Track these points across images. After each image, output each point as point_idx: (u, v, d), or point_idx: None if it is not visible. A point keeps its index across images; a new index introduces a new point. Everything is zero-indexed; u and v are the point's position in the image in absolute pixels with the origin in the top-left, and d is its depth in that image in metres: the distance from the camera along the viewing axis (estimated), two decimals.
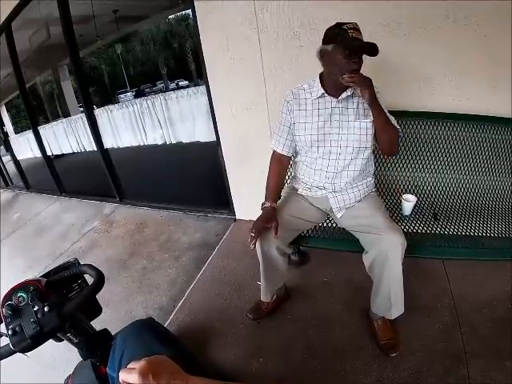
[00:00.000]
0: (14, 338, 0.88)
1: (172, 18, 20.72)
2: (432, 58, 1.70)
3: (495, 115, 1.73)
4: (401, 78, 1.80)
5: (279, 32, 1.94)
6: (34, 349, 0.90)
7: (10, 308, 0.90)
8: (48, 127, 4.54)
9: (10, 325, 0.89)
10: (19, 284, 0.96)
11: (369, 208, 1.49)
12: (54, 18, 3.18)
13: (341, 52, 1.27)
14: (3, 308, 0.91)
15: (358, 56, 1.28)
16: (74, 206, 4.25)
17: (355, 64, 1.28)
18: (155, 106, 2.93)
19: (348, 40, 1.24)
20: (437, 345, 1.47)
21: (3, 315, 0.91)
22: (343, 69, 1.29)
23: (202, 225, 2.89)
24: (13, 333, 0.88)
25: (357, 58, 1.27)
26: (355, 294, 1.78)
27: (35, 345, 0.89)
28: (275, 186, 1.59)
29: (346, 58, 1.27)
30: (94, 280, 1.02)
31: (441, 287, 1.77)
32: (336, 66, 1.31)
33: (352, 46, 1.25)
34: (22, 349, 0.88)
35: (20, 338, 0.88)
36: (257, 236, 1.39)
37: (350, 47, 1.25)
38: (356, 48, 1.26)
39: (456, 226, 1.62)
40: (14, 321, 0.90)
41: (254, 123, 2.25)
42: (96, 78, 22.04)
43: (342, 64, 1.29)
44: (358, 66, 1.29)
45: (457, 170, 1.82)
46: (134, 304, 2.09)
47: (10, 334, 0.88)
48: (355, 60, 1.27)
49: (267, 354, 1.56)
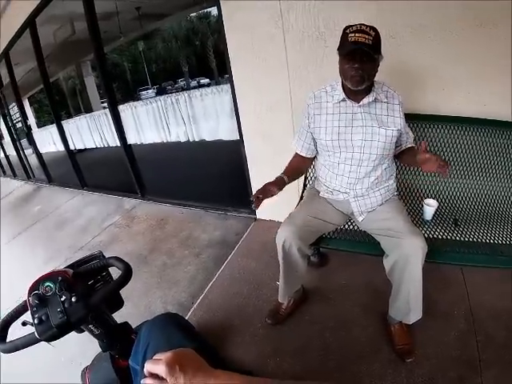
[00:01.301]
0: (39, 327, 0.90)
1: (194, 15, 20.87)
2: (457, 61, 1.67)
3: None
4: (425, 81, 1.77)
5: (304, 32, 1.93)
6: (59, 338, 0.92)
7: (37, 297, 0.93)
8: (71, 122, 4.62)
9: (36, 314, 0.91)
10: (47, 274, 0.99)
11: (390, 211, 1.48)
12: (79, 14, 3.25)
13: (342, 57, 1.28)
14: (30, 297, 0.93)
15: (360, 60, 1.23)
16: (95, 200, 4.34)
17: (356, 70, 1.25)
18: (179, 104, 2.95)
19: (346, 45, 1.23)
20: (452, 352, 1.45)
21: (30, 304, 0.93)
22: (345, 74, 1.30)
23: (222, 223, 2.91)
24: (39, 322, 0.90)
25: (357, 63, 1.24)
26: (373, 298, 1.77)
27: (61, 334, 0.92)
28: (293, 168, 1.60)
29: (347, 64, 1.26)
30: (122, 273, 1.04)
31: (458, 294, 1.75)
32: (341, 71, 1.33)
33: (345, 51, 1.24)
34: (48, 338, 0.90)
35: (46, 327, 0.90)
36: (258, 195, 1.38)
37: (345, 52, 1.25)
38: (348, 53, 1.24)
39: (476, 232, 1.59)
40: (40, 310, 0.92)
41: (277, 123, 2.25)
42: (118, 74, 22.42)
43: (344, 69, 1.29)
44: (359, 71, 1.25)
45: (479, 176, 1.79)
46: (154, 299, 2.12)
47: (35, 323, 0.90)
48: (355, 65, 1.24)
49: (284, 354, 1.57)
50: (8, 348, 0.93)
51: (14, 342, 0.94)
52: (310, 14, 1.87)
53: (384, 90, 1.42)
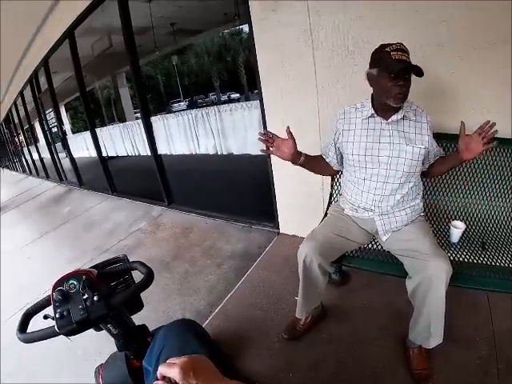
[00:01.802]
0: (60, 321, 0.95)
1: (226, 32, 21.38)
2: (486, 80, 1.64)
3: None
4: (453, 100, 1.74)
5: (334, 50, 1.96)
6: (78, 334, 0.97)
7: (61, 293, 0.98)
8: (105, 129, 4.79)
9: (59, 309, 0.96)
10: (72, 272, 1.04)
11: (416, 232, 1.46)
12: (116, 27, 3.42)
13: (385, 75, 1.28)
14: (54, 292, 0.98)
15: (404, 78, 1.27)
16: (123, 205, 4.47)
17: (400, 87, 1.28)
18: (209, 117, 3.01)
19: (391, 63, 1.24)
20: (471, 379, 1.40)
21: (53, 299, 0.98)
22: (389, 92, 1.30)
23: (246, 235, 2.93)
24: (60, 316, 0.95)
25: (401, 81, 1.27)
26: (393, 319, 1.73)
27: (80, 330, 0.96)
28: (315, 157, 1.67)
29: (391, 82, 1.27)
30: (144, 277, 1.08)
31: (482, 319, 1.68)
32: (382, 89, 1.33)
33: (394, 69, 1.25)
34: (67, 332, 0.95)
35: (66, 322, 0.95)
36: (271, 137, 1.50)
37: (392, 70, 1.25)
38: (398, 71, 1.26)
39: (504, 257, 1.53)
40: (62, 305, 0.97)
41: (305, 139, 2.23)
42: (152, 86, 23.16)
43: (388, 87, 1.29)
44: (403, 88, 1.29)
45: (509, 198, 1.73)
46: (173, 305, 2.15)
47: (57, 317, 0.95)
48: (400, 83, 1.27)
49: (297, 370, 1.55)
50: (28, 338, 0.98)
51: (33, 333, 0.99)
52: (339, 32, 1.89)
53: (413, 108, 1.43)
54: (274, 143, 1.51)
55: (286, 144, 1.51)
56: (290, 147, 1.51)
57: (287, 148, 1.51)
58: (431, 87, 1.72)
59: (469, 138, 1.30)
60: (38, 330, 0.99)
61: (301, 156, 1.55)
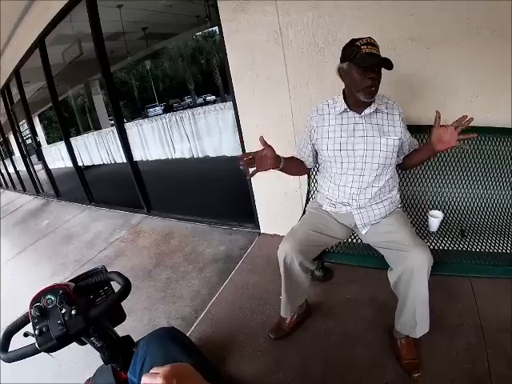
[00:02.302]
0: (40, 338, 0.92)
1: (199, 34, 21.28)
2: (457, 70, 1.68)
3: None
4: (425, 91, 1.78)
5: (304, 48, 1.97)
6: (59, 349, 0.94)
7: (39, 309, 0.95)
8: (79, 139, 4.70)
9: (37, 325, 0.94)
10: (48, 287, 1.01)
11: (394, 224, 1.47)
12: (86, 34, 3.35)
13: (356, 69, 1.29)
14: (31, 309, 0.96)
15: (374, 71, 1.29)
16: (102, 215, 4.39)
17: (371, 80, 1.29)
18: (183, 121, 2.99)
19: (361, 57, 1.26)
20: (461, 365, 1.41)
21: (31, 316, 0.95)
22: (360, 85, 1.31)
23: (227, 238, 2.91)
24: (39, 333, 0.93)
25: (372, 74, 1.28)
26: (379, 312, 1.75)
27: (60, 346, 0.94)
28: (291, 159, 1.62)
29: (362, 75, 1.29)
30: (121, 287, 1.06)
31: (467, 306, 1.71)
32: (353, 82, 1.34)
33: (365, 62, 1.26)
34: (47, 349, 0.92)
35: (46, 339, 0.92)
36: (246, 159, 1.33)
37: (363, 64, 1.27)
38: (369, 65, 1.27)
39: (484, 242, 1.57)
40: (41, 321, 0.94)
41: (279, 138, 2.24)
42: (126, 92, 22.82)
43: (359, 80, 1.31)
44: (374, 81, 1.30)
45: (485, 185, 1.77)
46: (157, 313, 2.12)
47: (36, 334, 0.93)
48: (370, 76, 1.28)
49: (287, 370, 1.54)
50: (9, 357, 0.95)
51: (15, 351, 0.96)
52: (308, 30, 1.91)
53: (384, 101, 1.45)
54: (256, 159, 1.36)
55: (266, 153, 1.38)
56: (271, 154, 1.39)
57: (269, 156, 1.39)
58: (402, 80, 1.75)
59: (443, 129, 1.32)
60: (19, 349, 0.96)
61: (281, 160, 1.47)
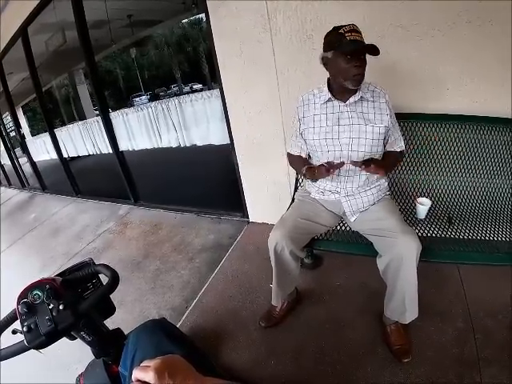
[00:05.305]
0: (28, 335, 0.89)
1: (185, 21, 20.93)
2: (446, 59, 1.67)
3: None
4: (414, 80, 1.77)
5: (292, 34, 1.94)
6: (48, 346, 0.92)
7: (26, 306, 0.92)
8: (64, 130, 4.59)
9: (25, 322, 0.91)
10: (35, 282, 0.98)
11: (383, 211, 1.48)
12: (70, 22, 3.26)
13: (341, 57, 1.27)
14: (19, 305, 0.93)
15: (359, 58, 1.27)
16: (89, 207, 4.33)
17: (357, 68, 1.27)
18: (170, 109, 2.94)
19: (346, 44, 1.23)
20: (450, 351, 1.44)
21: (19, 312, 0.93)
22: (347, 73, 1.29)
23: (216, 227, 2.90)
24: (28, 330, 0.90)
25: (358, 61, 1.26)
26: (368, 298, 1.77)
27: (49, 342, 0.91)
28: (302, 161, 1.60)
29: (348, 63, 1.27)
30: (109, 280, 1.03)
31: (455, 292, 1.75)
32: (339, 71, 1.32)
33: (350, 49, 1.24)
34: (37, 346, 0.90)
35: (34, 335, 0.89)
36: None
37: (349, 50, 1.25)
38: (354, 52, 1.25)
39: (471, 230, 1.59)
40: (29, 318, 0.92)
41: (267, 126, 2.25)
42: (111, 81, 22.41)
43: (345, 69, 1.29)
44: (360, 69, 1.28)
45: (472, 173, 1.78)
46: (147, 304, 2.11)
47: (24, 331, 0.90)
48: (357, 64, 1.26)
49: (278, 358, 1.56)
50: None
51: (5, 349, 0.93)
52: (297, 16, 1.88)
53: (370, 89, 1.43)
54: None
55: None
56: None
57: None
58: (390, 67, 1.74)
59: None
60: (8, 347, 0.93)
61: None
